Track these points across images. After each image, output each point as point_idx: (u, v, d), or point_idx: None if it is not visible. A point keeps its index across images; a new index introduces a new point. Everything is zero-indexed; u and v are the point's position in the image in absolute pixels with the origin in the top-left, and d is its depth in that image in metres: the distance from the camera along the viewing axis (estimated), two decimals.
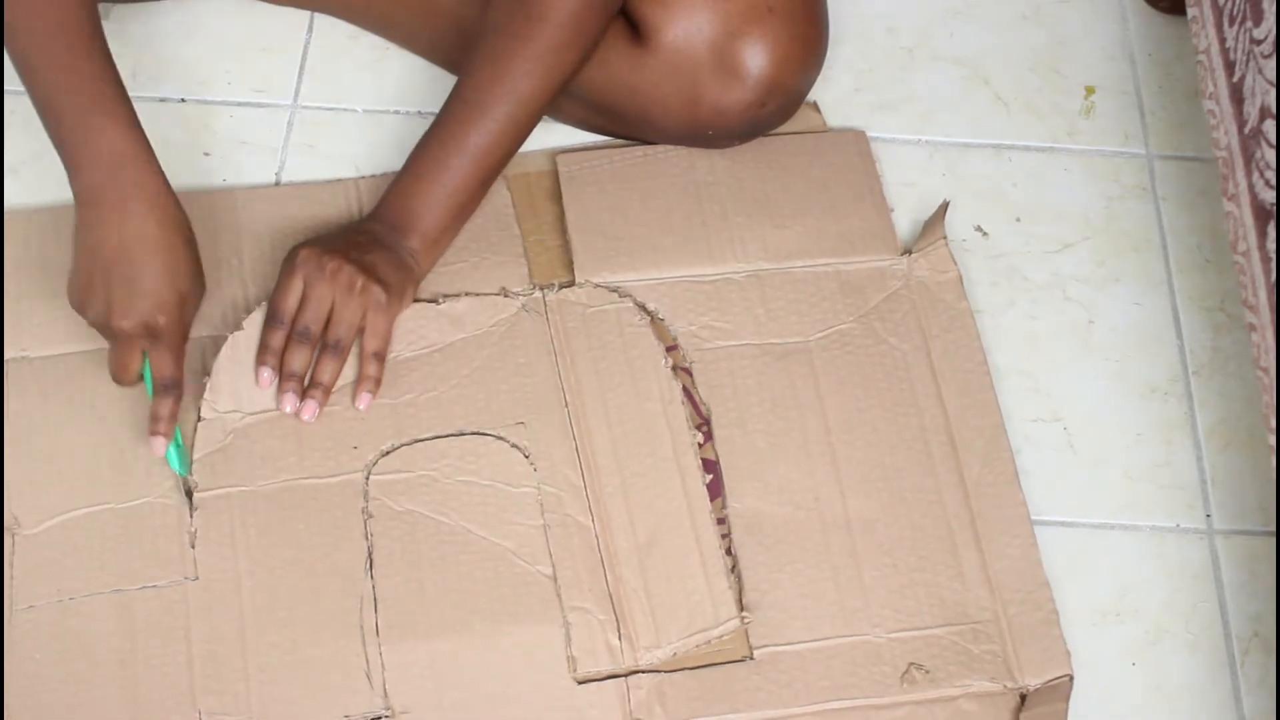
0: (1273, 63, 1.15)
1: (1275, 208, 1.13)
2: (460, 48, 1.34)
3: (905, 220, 1.38)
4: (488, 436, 1.24)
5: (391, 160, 1.37)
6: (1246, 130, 1.19)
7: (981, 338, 1.31)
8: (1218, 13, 1.25)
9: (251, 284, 1.30)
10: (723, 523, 1.22)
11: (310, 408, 1.23)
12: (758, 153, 1.37)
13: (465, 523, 1.21)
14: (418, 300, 1.29)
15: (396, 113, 1.43)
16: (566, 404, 1.26)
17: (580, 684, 1.15)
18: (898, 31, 1.51)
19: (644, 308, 1.30)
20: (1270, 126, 1.15)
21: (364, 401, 1.24)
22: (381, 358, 1.25)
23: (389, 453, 1.23)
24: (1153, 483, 1.28)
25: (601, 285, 1.31)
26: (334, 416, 1.24)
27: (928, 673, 1.17)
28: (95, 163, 1.17)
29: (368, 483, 1.22)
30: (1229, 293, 1.37)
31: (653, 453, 1.24)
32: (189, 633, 1.16)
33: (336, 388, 1.25)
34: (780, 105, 1.34)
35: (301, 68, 1.45)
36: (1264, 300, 1.15)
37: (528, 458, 1.23)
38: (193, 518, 1.20)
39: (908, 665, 1.17)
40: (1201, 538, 1.26)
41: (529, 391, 1.26)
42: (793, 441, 1.25)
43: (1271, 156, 1.14)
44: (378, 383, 1.25)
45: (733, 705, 1.15)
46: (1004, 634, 1.18)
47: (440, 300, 1.29)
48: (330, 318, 1.23)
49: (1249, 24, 1.19)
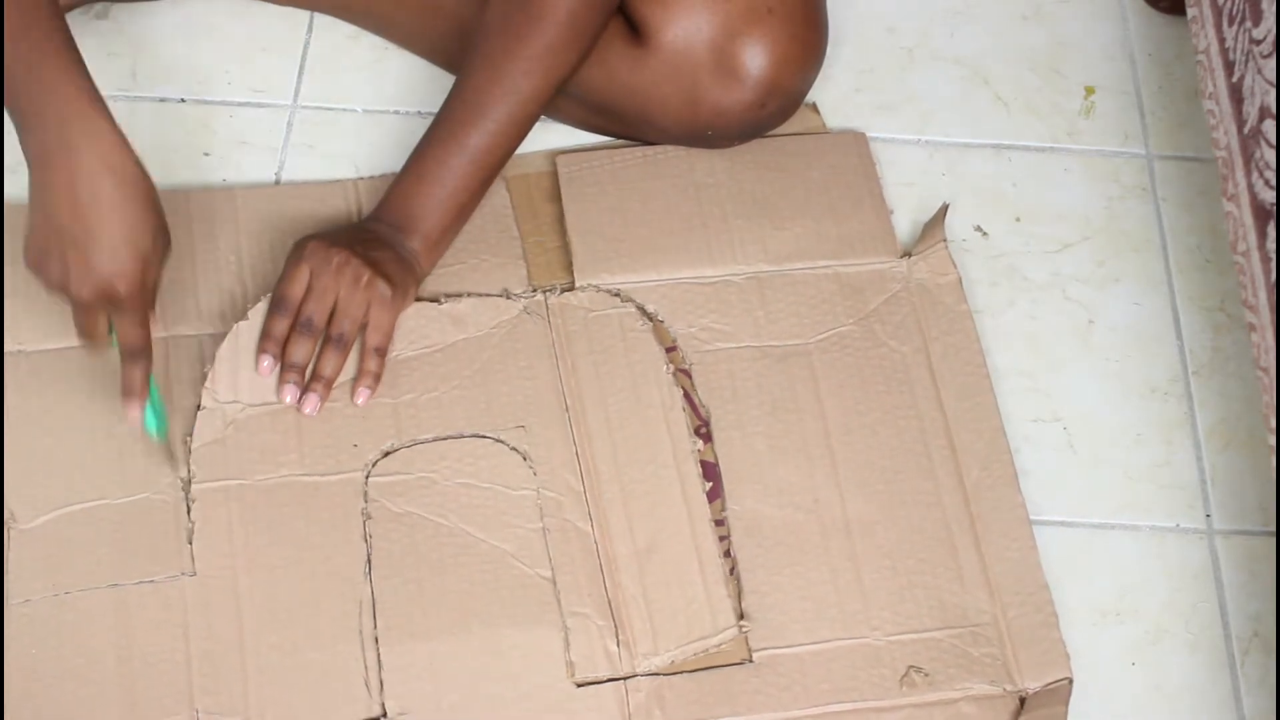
0: (1272, 63, 1.15)
1: (1275, 208, 1.13)
2: (460, 48, 1.33)
3: (905, 221, 1.38)
4: (488, 439, 1.24)
5: (391, 160, 1.37)
6: (1246, 130, 1.19)
7: (981, 338, 1.31)
8: (1217, 13, 1.25)
9: (250, 283, 1.30)
10: (721, 525, 1.22)
11: (311, 401, 1.23)
12: (757, 154, 1.37)
13: (464, 525, 1.20)
14: (419, 299, 1.29)
15: (396, 113, 1.43)
16: (567, 408, 1.25)
17: (579, 687, 1.15)
18: (898, 32, 1.50)
19: (644, 310, 1.30)
20: (1270, 126, 1.15)
21: (363, 397, 1.24)
22: (383, 353, 1.25)
23: (389, 454, 1.23)
24: (1153, 483, 1.28)
25: (603, 289, 1.31)
26: (334, 413, 1.24)
27: (927, 675, 1.16)
28: (44, 119, 1.10)
29: (367, 483, 1.22)
30: (1229, 293, 1.37)
31: (653, 459, 1.23)
32: (187, 630, 1.16)
33: (337, 384, 1.24)
34: (780, 106, 1.34)
35: (301, 68, 1.45)
36: (1264, 300, 1.15)
37: (527, 461, 1.23)
38: (190, 512, 1.20)
39: (907, 668, 1.17)
40: (1201, 538, 1.26)
41: (530, 395, 1.26)
42: (792, 444, 1.25)
43: (1271, 156, 1.14)
44: (378, 378, 1.25)
45: (732, 708, 1.15)
46: (1003, 637, 1.18)
47: (442, 300, 1.29)
48: (334, 311, 1.23)
49: (1248, 24, 1.19)
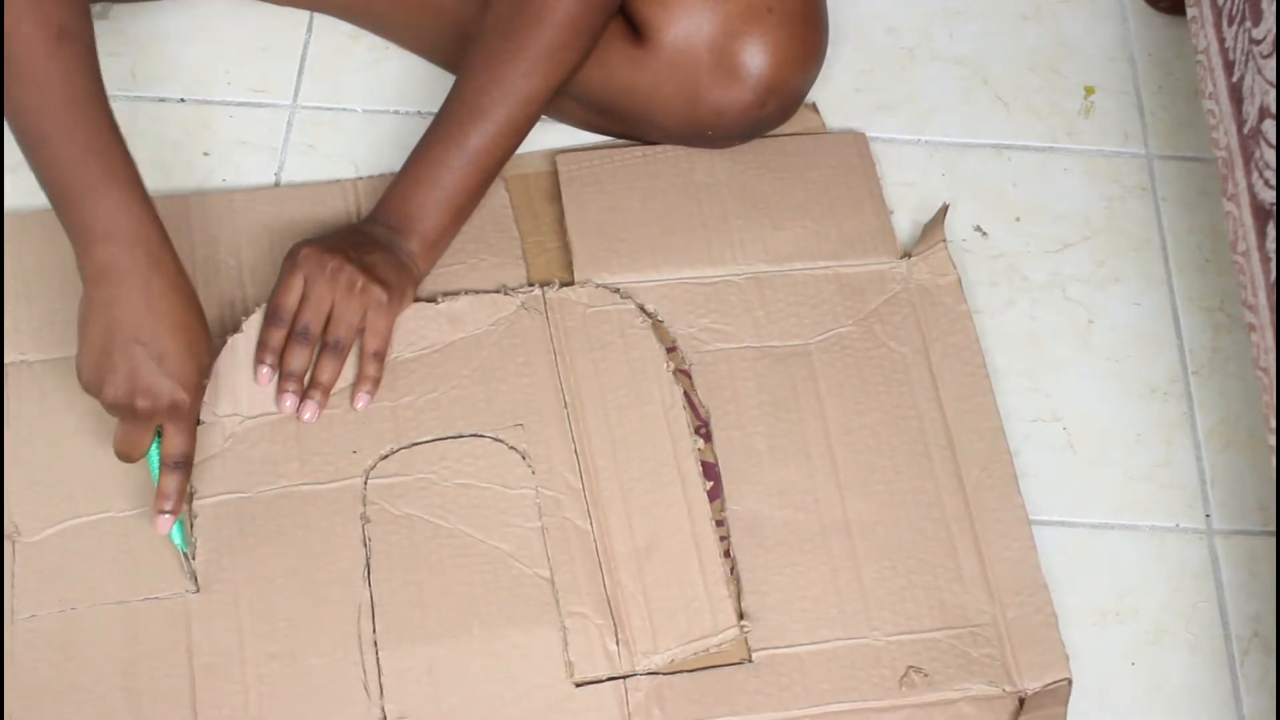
0: (1272, 63, 1.15)
1: (1275, 208, 1.13)
2: (460, 48, 1.33)
3: (905, 221, 1.38)
4: (486, 439, 1.24)
5: (391, 161, 1.37)
6: (1246, 130, 1.19)
7: (981, 338, 1.31)
8: (1217, 13, 1.25)
9: (250, 285, 1.30)
10: (721, 525, 1.22)
11: (310, 408, 1.23)
12: (757, 154, 1.37)
13: (463, 526, 1.20)
14: (416, 300, 1.28)
15: (396, 113, 1.43)
16: (566, 406, 1.25)
17: (578, 687, 1.15)
18: (898, 31, 1.50)
19: (644, 309, 1.30)
20: (1269, 126, 1.15)
21: (362, 402, 1.24)
22: (381, 358, 1.25)
23: (387, 456, 1.23)
24: (1152, 483, 1.28)
25: (602, 286, 1.31)
26: (333, 419, 1.24)
27: (926, 676, 1.16)
28: (109, 239, 1.12)
29: (366, 487, 1.22)
30: (1229, 293, 1.36)
31: (653, 457, 1.23)
32: (190, 646, 1.16)
33: (336, 389, 1.24)
34: (780, 105, 1.34)
35: (301, 68, 1.45)
36: (1264, 300, 1.15)
37: (526, 460, 1.23)
38: (192, 528, 1.19)
39: (906, 668, 1.17)
40: (1201, 538, 1.26)
41: (528, 393, 1.26)
42: (792, 444, 1.25)
43: (1271, 156, 1.14)
44: (377, 383, 1.25)
45: (732, 708, 1.15)
46: (1003, 637, 1.18)
47: (439, 299, 1.29)
48: (330, 317, 1.23)
49: (1248, 24, 1.19)
